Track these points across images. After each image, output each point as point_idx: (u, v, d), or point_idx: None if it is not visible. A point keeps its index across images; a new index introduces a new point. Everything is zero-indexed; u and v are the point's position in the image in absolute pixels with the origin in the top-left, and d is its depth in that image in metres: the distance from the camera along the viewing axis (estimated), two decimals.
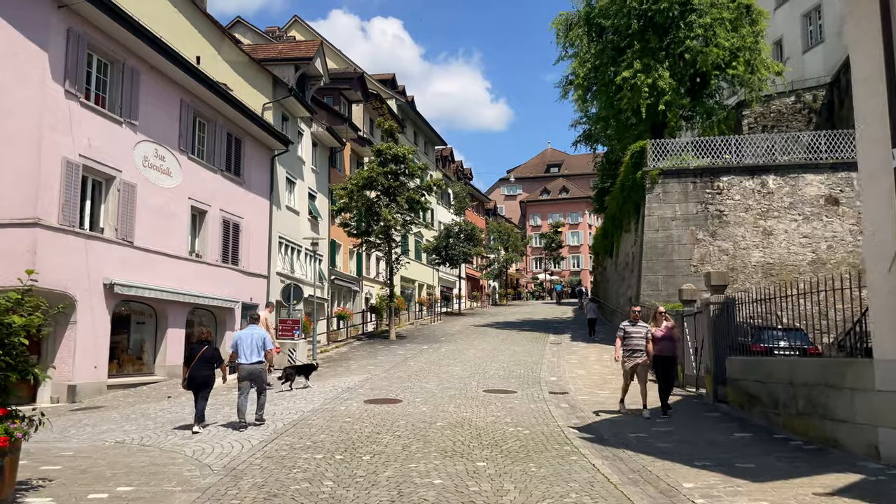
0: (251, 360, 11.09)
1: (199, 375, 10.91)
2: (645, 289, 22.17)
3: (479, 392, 14.32)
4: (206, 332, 11.87)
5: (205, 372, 10.98)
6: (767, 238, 21.91)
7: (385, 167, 25.26)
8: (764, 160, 22.50)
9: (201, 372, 10.92)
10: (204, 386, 10.98)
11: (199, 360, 10.96)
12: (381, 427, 10.48)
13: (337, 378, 17.04)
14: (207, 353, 11.11)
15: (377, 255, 40.80)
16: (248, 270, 24.87)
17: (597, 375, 17.36)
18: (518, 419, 11.14)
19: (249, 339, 11.22)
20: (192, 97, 21.85)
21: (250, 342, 11.18)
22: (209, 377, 11.08)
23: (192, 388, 10.94)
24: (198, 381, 10.90)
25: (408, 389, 14.69)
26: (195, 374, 10.89)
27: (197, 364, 10.93)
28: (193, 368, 10.92)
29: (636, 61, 25.98)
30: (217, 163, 23.22)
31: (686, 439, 9.65)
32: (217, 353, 11.43)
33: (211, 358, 11.15)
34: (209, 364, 11.10)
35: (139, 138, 19.21)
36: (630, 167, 24.39)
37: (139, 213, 18.93)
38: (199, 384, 10.92)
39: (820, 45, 35.72)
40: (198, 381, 10.90)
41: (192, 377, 10.89)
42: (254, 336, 11.25)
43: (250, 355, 11.11)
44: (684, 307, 15.89)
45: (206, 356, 11.08)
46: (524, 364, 19.15)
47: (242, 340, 11.21)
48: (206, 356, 11.08)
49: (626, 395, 12.32)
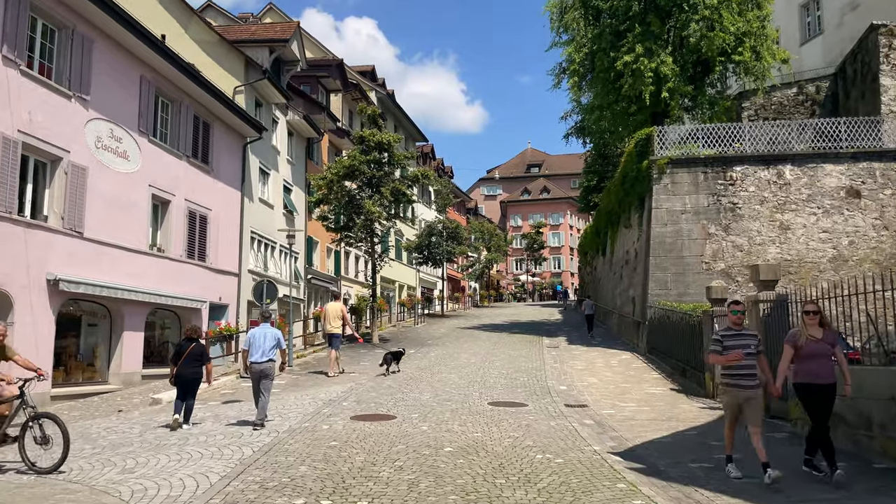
0: (262, 359, 10.86)
1: (186, 373, 10.96)
2: (653, 288, 20.31)
3: (484, 405, 12.31)
4: (194, 330, 11.81)
5: (192, 369, 11.03)
6: (784, 233, 20.19)
7: (368, 155, 23.11)
8: (780, 149, 20.78)
9: (188, 369, 10.99)
10: (191, 384, 11.05)
11: (186, 358, 11.02)
12: (377, 454, 8.42)
13: (317, 388, 14.93)
14: (196, 351, 11.15)
15: (356, 253, 38.68)
16: (217, 267, 22.62)
17: (611, 383, 15.43)
18: (542, 442, 9.14)
19: (262, 337, 11.01)
20: (155, 73, 19.60)
21: (263, 340, 10.98)
22: (196, 374, 11.12)
23: (179, 385, 10.98)
24: (184, 379, 10.96)
25: (400, 402, 12.63)
26: (182, 372, 10.96)
27: (185, 362, 11.00)
28: (181, 366, 10.98)
29: (638, 45, 24.20)
30: (182, 148, 20.96)
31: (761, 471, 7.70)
32: (205, 351, 11.51)
33: (199, 355, 11.20)
34: (197, 362, 11.14)
35: (91, 115, 16.94)
36: (634, 156, 22.55)
37: (91, 201, 16.65)
38: (186, 382, 10.97)
39: (819, 37, 34.42)
40: (184, 379, 10.96)
41: (179, 374, 10.96)
42: (267, 335, 11.05)
43: (262, 354, 10.88)
44: (713, 307, 14.02)
45: (195, 353, 11.11)
46: (525, 371, 17.20)
47: (255, 338, 11.04)
48: (195, 353, 11.11)
49: (731, 445, 7.92)
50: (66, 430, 8.02)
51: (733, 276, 19.90)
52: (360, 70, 45.30)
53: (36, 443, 8.09)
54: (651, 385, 15.18)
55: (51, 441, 8.08)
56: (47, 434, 8.12)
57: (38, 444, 8.09)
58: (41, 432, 8.11)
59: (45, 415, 8.39)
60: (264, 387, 10.81)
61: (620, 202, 25.58)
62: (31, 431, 8.11)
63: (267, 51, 27.73)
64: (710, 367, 13.77)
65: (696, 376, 14.88)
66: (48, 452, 8.10)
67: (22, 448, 8.06)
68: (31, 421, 8.12)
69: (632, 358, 19.78)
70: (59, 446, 7.97)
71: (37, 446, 8.10)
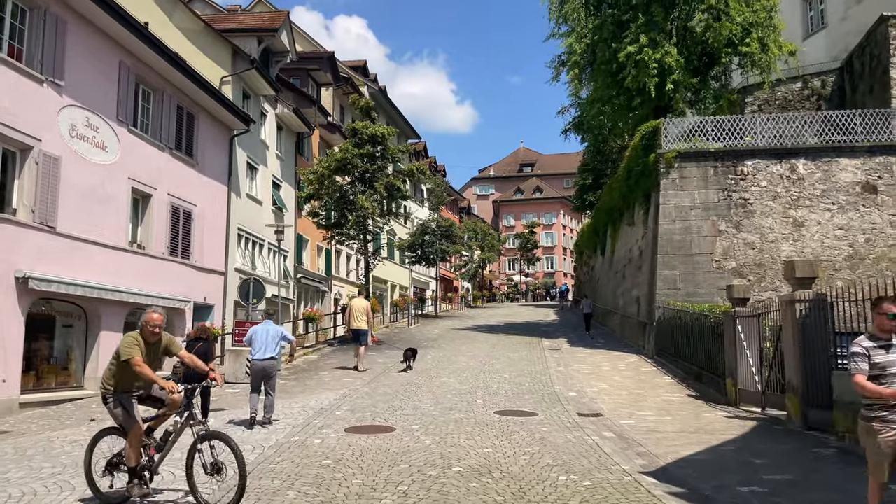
0: (265, 357, 10.67)
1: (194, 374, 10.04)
2: (660, 287, 19.33)
3: (491, 414, 11.28)
4: (202, 330, 11.69)
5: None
6: (798, 230, 19.26)
7: (361, 149, 22.01)
8: (792, 142, 19.85)
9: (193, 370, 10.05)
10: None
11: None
12: (376, 475, 7.37)
13: (307, 395, 13.84)
14: (202, 350, 10.92)
15: (348, 252, 37.58)
16: (202, 266, 21.48)
17: (622, 389, 14.41)
18: (563, 460, 8.10)
19: (265, 334, 10.89)
20: (135, 60, 18.47)
21: (265, 338, 10.84)
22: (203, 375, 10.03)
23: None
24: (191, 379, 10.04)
25: (398, 411, 11.58)
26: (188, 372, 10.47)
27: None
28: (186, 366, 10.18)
29: (642, 35, 23.26)
30: (165, 139, 19.83)
31: (829, 500, 6.67)
32: (212, 351, 11.35)
33: (205, 355, 10.87)
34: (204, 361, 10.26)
35: (65, 102, 15.80)
36: (640, 150, 21.56)
37: (64, 193, 15.51)
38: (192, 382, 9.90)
39: (822, 31, 33.67)
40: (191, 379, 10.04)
41: (186, 375, 10.49)
42: (269, 332, 10.91)
43: (264, 351, 10.71)
44: (735, 307, 13.04)
45: (199, 353, 10.59)
46: (529, 375, 16.18)
47: (257, 335, 10.92)
48: (199, 353, 10.59)
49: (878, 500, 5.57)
50: (242, 456, 6.22)
51: (745, 275, 18.96)
52: (352, 65, 44.23)
53: (206, 472, 6.25)
54: (665, 391, 14.19)
55: (224, 470, 6.30)
56: (219, 460, 6.28)
57: (208, 474, 6.28)
58: (213, 458, 6.25)
59: (215, 434, 6.50)
60: (270, 386, 10.65)
61: (624, 198, 24.59)
62: (201, 457, 6.25)
63: (255, 41, 26.61)
64: (731, 371, 12.80)
65: (714, 381, 13.91)
66: (221, 485, 6.46)
67: (191, 479, 6.32)
68: (201, 442, 6.29)
69: (639, 361, 18.80)
70: (233, 478, 6.21)
71: (207, 477, 6.32)
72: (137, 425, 6.38)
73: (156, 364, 6.69)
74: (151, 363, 6.53)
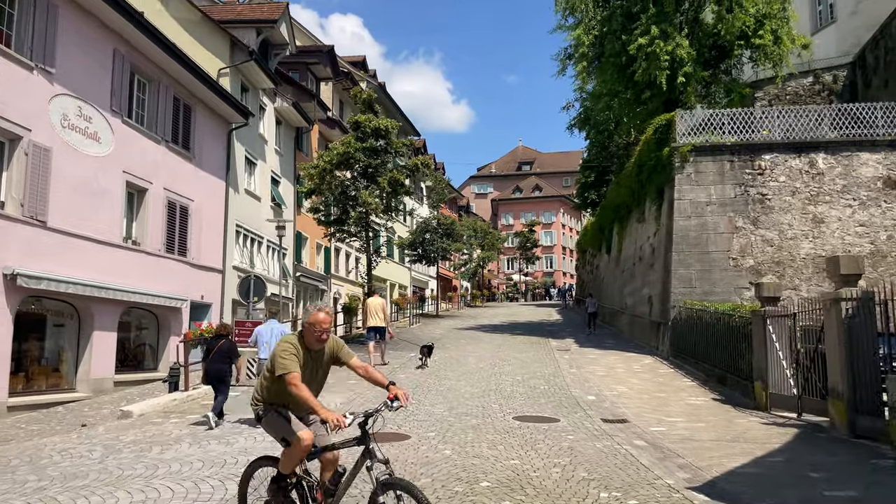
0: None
1: (213, 369, 10.94)
2: (676, 285, 18.64)
3: (510, 420, 10.57)
4: (224, 327, 11.75)
5: (219, 366, 10.98)
6: (818, 226, 18.59)
7: (364, 142, 21.25)
8: (811, 136, 19.18)
9: (216, 366, 10.95)
10: (218, 381, 10.95)
11: (215, 355, 10.98)
12: None
13: None
14: (224, 347, 11.06)
15: (347, 250, 36.84)
16: (199, 263, 20.74)
17: (643, 392, 13.70)
18: (598, 472, 7.39)
19: (269, 333, 10.93)
20: (130, 48, 17.73)
21: (270, 336, 10.86)
22: (223, 371, 11.02)
23: (208, 382, 11.13)
24: (213, 376, 10.95)
25: (411, 416, 10.87)
26: (210, 369, 10.98)
27: (213, 358, 10.98)
28: (210, 362, 10.99)
29: (653, 26, 22.58)
30: (161, 131, 19.09)
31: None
32: (234, 348, 11.37)
33: (228, 352, 11.10)
34: (226, 358, 11.07)
35: (57, 90, 15.06)
36: (652, 144, 20.86)
37: (55, 186, 14.78)
38: (214, 378, 10.95)
39: (831, 26, 32.98)
40: (213, 376, 10.95)
41: (207, 371, 11.03)
42: (274, 330, 10.94)
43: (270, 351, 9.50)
44: (764, 305, 12.35)
45: (223, 350, 11.04)
46: (542, 377, 15.48)
47: (262, 335, 11.02)
48: (223, 350, 11.04)
49: None
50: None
51: (763, 273, 18.28)
52: (351, 60, 43.49)
53: None
54: (688, 394, 13.49)
55: None
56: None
57: None
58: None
59: (401, 484, 4.67)
60: None
61: (634, 194, 23.89)
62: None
63: (254, 32, 25.88)
64: (761, 374, 12.12)
65: (739, 385, 13.23)
66: None
67: None
68: (382, 492, 4.62)
69: (654, 362, 18.11)
70: None
71: None
72: (306, 433, 4.89)
73: (319, 380, 5.25)
74: (313, 379, 5.11)
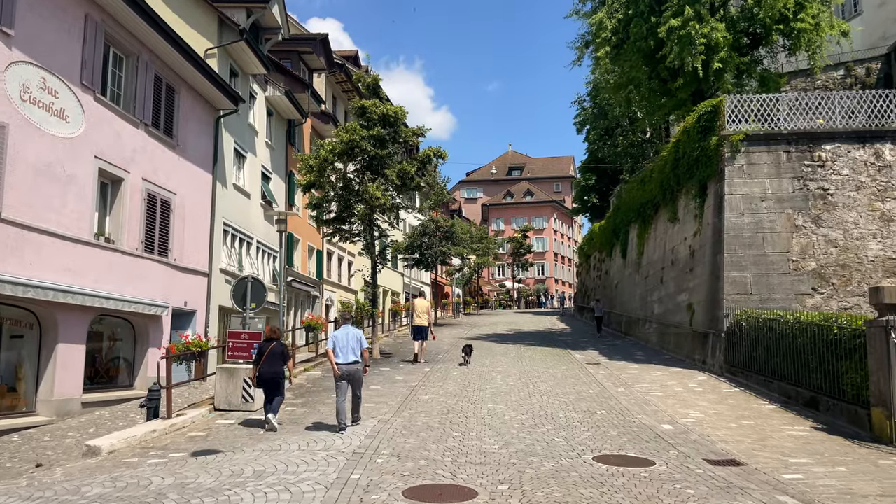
0: (348, 360, 10.65)
1: (267, 372, 10.94)
2: (729, 291, 16.43)
3: (590, 462, 8.23)
4: (274, 330, 11.58)
5: (274, 368, 10.97)
6: (888, 225, 16.52)
7: (370, 130, 18.88)
8: (877, 123, 17.13)
9: (270, 368, 10.95)
10: (272, 383, 10.97)
11: (268, 357, 10.98)
12: None
13: (326, 430, 10.65)
14: (276, 349, 11.13)
15: (339, 254, 34.36)
16: (182, 265, 18.27)
17: (725, 419, 11.38)
18: None
19: (345, 338, 10.81)
20: (105, 15, 15.30)
21: (346, 341, 10.76)
22: (278, 374, 11.02)
23: (261, 385, 11.05)
24: (266, 378, 10.94)
25: (461, 455, 8.50)
26: (264, 371, 10.94)
27: (266, 361, 10.96)
28: (262, 365, 10.96)
29: (686, 6, 20.48)
30: (140, 113, 16.64)
31: None
32: (286, 350, 11.41)
33: (280, 354, 11.16)
34: (278, 361, 11.09)
35: (15, 56, 12.61)
36: (695, 133, 18.66)
37: (12, 169, 12.33)
38: (268, 381, 10.95)
39: (857, 18, 31.51)
40: (266, 378, 10.94)
41: (260, 374, 10.96)
42: (349, 335, 10.82)
43: (347, 355, 10.68)
44: (885, 314, 10.15)
45: (275, 352, 11.07)
46: (589, 398, 13.19)
47: (338, 340, 10.84)
48: (275, 352, 11.07)
49: None
50: None
51: (827, 278, 16.18)
52: (343, 55, 41.12)
53: None
54: (780, 422, 11.20)
55: None
56: None
57: None
58: None
59: None
60: (358, 388, 10.77)
61: (666, 191, 21.69)
62: None
63: (244, 12, 23.51)
64: (882, 399, 9.89)
65: (843, 410, 10.99)
66: None
67: None
68: None
69: (710, 379, 15.84)
70: None
71: None
72: None
73: None
74: None
